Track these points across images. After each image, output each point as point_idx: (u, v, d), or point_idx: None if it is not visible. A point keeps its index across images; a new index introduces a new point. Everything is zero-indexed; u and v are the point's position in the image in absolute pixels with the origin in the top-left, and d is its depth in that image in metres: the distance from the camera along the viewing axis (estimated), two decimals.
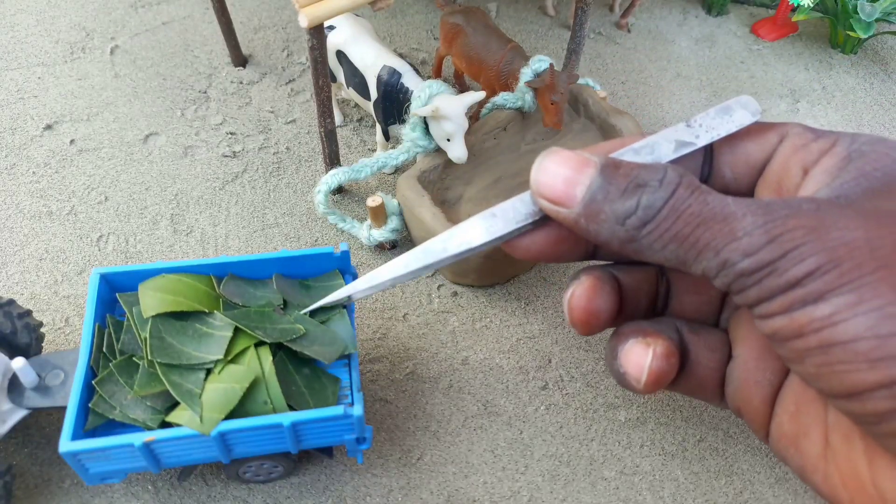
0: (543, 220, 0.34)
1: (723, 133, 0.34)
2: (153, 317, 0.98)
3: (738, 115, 0.34)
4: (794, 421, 0.34)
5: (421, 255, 0.35)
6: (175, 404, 0.94)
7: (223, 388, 0.92)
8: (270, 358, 0.96)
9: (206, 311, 1.01)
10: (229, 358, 0.96)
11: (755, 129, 0.35)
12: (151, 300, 0.99)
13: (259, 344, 0.99)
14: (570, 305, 0.35)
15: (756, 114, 0.35)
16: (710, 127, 0.34)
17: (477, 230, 0.34)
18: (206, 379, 0.94)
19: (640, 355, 0.33)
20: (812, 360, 0.28)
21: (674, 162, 0.34)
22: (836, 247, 0.27)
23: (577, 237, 0.34)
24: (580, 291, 0.35)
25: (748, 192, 0.37)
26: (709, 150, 0.36)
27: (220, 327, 0.98)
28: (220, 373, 0.94)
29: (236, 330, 0.98)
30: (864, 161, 0.31)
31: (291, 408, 0.96)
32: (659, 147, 0.33)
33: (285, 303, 1.04)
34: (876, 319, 0.26)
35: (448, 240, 0.35)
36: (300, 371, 1.00)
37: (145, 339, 0.96)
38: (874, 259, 0.26)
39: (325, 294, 1.04)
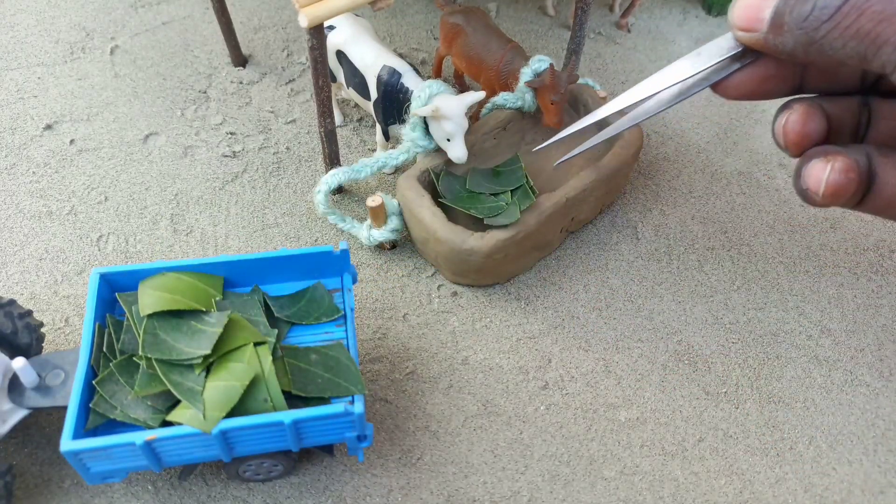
0: (744, 54, 0.37)
1: None
2: (149, 315, 0.98)
3: None
4: None
5: (639, 89, 0.39)
6: (176, 403, 0.94)
7: (224, 386, 0.92)
8: (270, 357, 0.96)
9: (203, 309, 1.01)
10: (220, 353, 0.96)
11: None
12: (149, 298, 0.99)
13: (258, 343, 0.99)
14: (784, 130, 0.38)
15: None
16: None
17: (687, 64, 0.38)
18: (206, 377, 0.94)
19: (820, 170, 0.35)
20: None
21: None
22: None
23: (783, 73, 0.38)
24: (794, 117, 0.37)
25: None
26: None
27: (213, 324, 0.99)
28: (219, 371, 0.94)
29: (229, 326, 0.98)
30: None
31: (303, 399, 0.96)
32: None
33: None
34: None
35: (661, 76, 0.38)
36: (307, 358, 1.00)
37: (140, 335, 0.96)
38: None
39: (512, 176, 1.34)
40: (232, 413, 0.91)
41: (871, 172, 0.38)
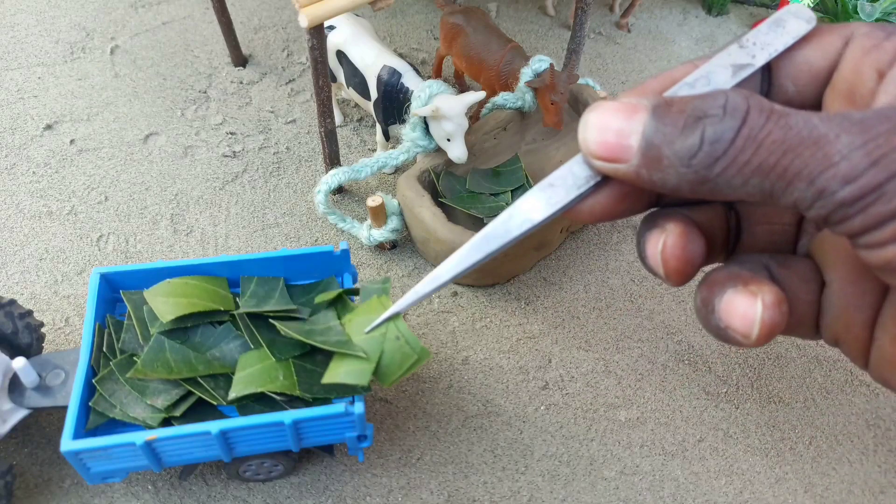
0: (604, 180, 0.31)
1: (780, 48, 0.31)
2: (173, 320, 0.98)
3: (791, 25, 0.32)
4: None
5: (483, 242, 0.31)
6: (177, 403, 0.94)
7: (366, 338, 0.91)
8: (389, 301, 0.96)
9: (222, 308, 1.01)
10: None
11: (814, 35, 0.32)
12: (165, 306, 0.99)
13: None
14: (664, 257, 0.31)
15: (811, 21, 0.32)
16: (764, 44, 0.31)
17: (538, 204, 0.31)
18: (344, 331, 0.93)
19: (748, 307, 0.29)
20: None
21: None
22: None
23: (641, 189, 0.31)
24: (673, 240, 0.31)
25: (814, 105, 0.33)
26: (766, 66, 0.33)
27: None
28: (353, 325, 0.93)
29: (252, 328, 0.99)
30: None
31: (305, 399, 0.96)
32: (715, 76, 0.31)
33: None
34: None
35: (508, 220, 0.31)
36: (312, 358, 0.99)
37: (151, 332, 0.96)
38: None
39: (512, 177, 1.34)
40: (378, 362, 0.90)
41: (737, 219, 0.34)
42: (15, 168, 1.50)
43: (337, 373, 0.89)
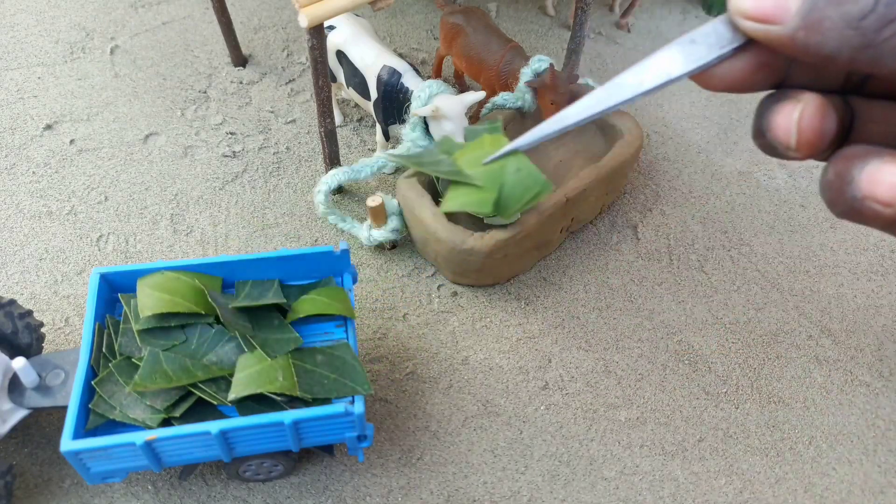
0: (746, 45, 0.29)
1: None
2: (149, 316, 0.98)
3: None
4: None
5: (615, 89, 0.30)
6: (177, 403, 0.94)
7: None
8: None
9: (202, 312, 1.01)
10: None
11: None
12: (148, 299, 0.99)
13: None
14: (800, 126, 0.29)
15: None
16: None
17: (676, 59, 0.29)
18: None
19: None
20: None
21: None
22: None
23: (775, 64, 0.29)
24: (812, 111, 0.29)
25: None
26: None
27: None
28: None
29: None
30: None
31: (315, 400, 0.96)
32: None
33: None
34: None
35: (643, 72, 0.30)
36: (312, 359, 0.99)
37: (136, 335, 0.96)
38: None
39: None
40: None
41: (852, 117, 0.32)
42: (15, 168, 1.50)
43: (456, 201, 0.84)
